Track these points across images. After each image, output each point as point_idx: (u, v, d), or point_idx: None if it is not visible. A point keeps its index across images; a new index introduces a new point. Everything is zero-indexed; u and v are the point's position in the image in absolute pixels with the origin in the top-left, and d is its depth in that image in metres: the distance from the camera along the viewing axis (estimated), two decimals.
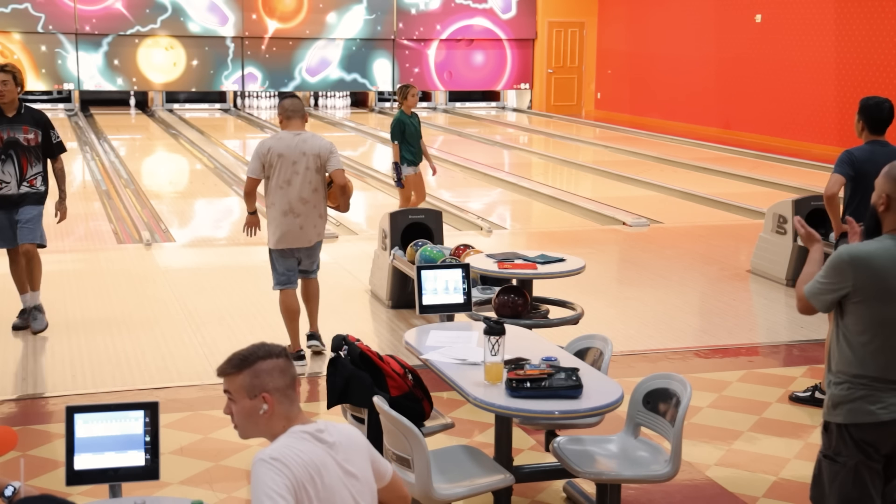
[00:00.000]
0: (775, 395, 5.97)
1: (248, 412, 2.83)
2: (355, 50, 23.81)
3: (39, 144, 6.81)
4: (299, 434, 2.79)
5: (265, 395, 2.80)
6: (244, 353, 2.86)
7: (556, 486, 4.75)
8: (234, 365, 2.84)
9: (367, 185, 13.87)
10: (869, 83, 16.74)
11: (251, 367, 2.82)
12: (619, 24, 23.80)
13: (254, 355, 2.85)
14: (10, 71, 6.78)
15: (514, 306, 6.03)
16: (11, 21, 21.58)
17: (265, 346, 2.89)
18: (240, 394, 2.82)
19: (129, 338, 6.92)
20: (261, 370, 2.82)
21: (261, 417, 2.81)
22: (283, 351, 2.89)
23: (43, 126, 6.85)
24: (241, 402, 2.82)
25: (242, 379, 2.82)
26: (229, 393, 2.85)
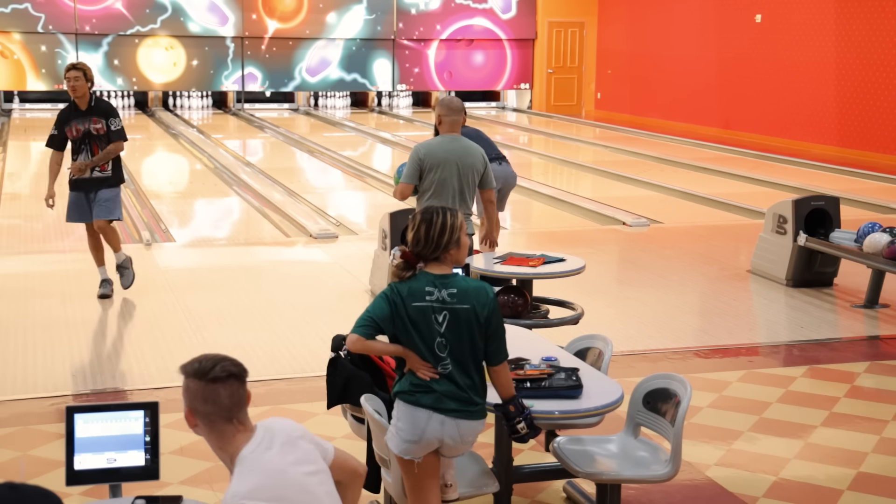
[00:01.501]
0: (775, 395, 5.97)
1: (185, 416, 2.83)
2: (355, 50, 23.81)
3: (105, 133, 7.56)
4: (250, 459, 2.73)
5: (188, 410, 2.79)
6: (187, 363, 2.81)
7: (556, 486, 4.75)
8: (181, 367, 2.82)
9: (367, 185, 13.88)
10: (869, 83, 16.74)
11: (184, 378, 2.80)
12: (619, 24, 23.80)
13: (189, 370, 2.79)
14: (81, 68, 7.50)
15: (514, 306, 6.03)
16: (11, 21, 21.58)
17: (210, 364, 2.78)
18: (182, 395, 2.82)
19: (129, 338, 6.92)
20: (188, 387, 2.79)
21: (191, 427, 2.80)
22: (225, 377, 2.76)
23: (107, 115, 7.57)
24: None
25: (182, 385, 2.81)
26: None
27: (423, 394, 3.62)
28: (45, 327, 7.13)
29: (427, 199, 6.26)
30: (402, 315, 3.61)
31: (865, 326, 7.58)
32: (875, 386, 6.24)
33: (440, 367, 3.62)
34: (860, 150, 16.87)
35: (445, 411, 3.61)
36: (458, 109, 6.34)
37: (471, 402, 3.66)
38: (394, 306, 3.62)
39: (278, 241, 10.39)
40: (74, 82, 7.45)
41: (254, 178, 14.04)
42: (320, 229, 10.48)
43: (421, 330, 3.61)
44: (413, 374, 3.64)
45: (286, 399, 5.79)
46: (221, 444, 2.79)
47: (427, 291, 3.62)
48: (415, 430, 3.61)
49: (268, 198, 12.55)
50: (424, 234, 3.66)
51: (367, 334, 3.60)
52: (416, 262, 3.68)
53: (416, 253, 3.68)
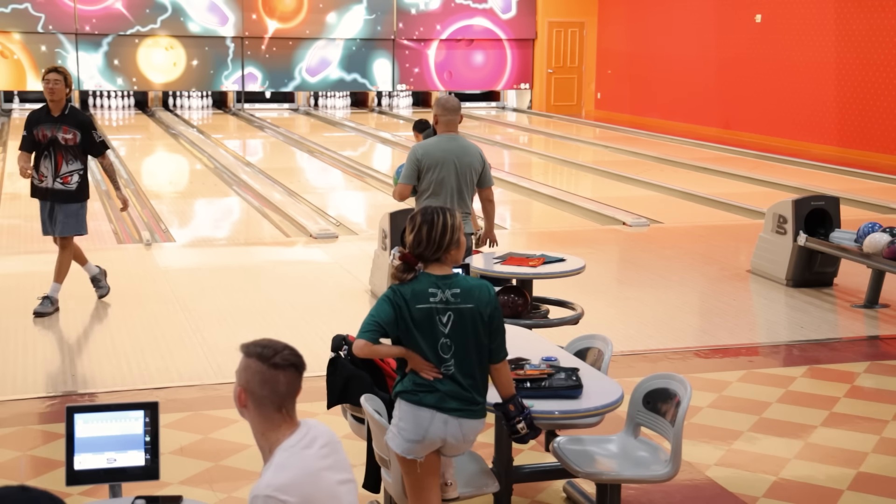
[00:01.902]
0: (775, 395, 5.97)
1: (234, 394, 2.82)
2: (355, 50, 23.80)
3: (78, 144, 7.21)
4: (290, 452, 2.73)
5: (241, 390, 2.78)
6: (253, 343, 2.80)
7: (556, 486, 4.75)
8: (243, 346, 2.81)
9: (367, 185, 13.88)
10: (869, 83, 16.74)
11: (245, 356, 2.79)
12: (619, 24, 23.80)
13: (253, 350, 2.79)
14: (62, 73, 7.21)
15: (514, 306, 6.03)
16: (11, 21, 21.58)
17: (275, 349, 2.78)
18: (236, 373, 2.80)
19: (129, 338, 6.92)
20: (247, 365, 2.78)
21: (239, 407, 2.79)
22: (286, 366, 2.75)
23: (84, 127, 7.24)
24: (235, 382, 2.80)
25: (240, 363, 2.79)
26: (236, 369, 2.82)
27: (427, 393, 3.62)
28: (45, 327, 7.13)
29: (426, 199, 6.27)
30: (405, 318, 3.61)
31: (865, 326, 7.58)
32: (875, 386, 6.24)
33: (443, 367, 3.62)
34: (860, 150, 16.87)
35: (448, 410, 3.62)
36: (454, 109, 6.35)
37: (473, 401, 3.67)
38: (398, 309, 3.61)
39: (278, 241, 10.39)
40: (54, 85, 7.12)
41: (254, 178, 14.04)
42: (320, 229, 10.48)
43: (424, 331, 3.61)
44: (416, 374, 3.64)
45: None
46: (265, 430, 2.77)
47: (430, 293, 3.62)
48: (418, 430, 3.61)
49: (268, 198, 12.55)
50: (426, 235, 3.66)
51: (373, 339, 3.59)
52: (415, 263, 3.67)
53: (418, 254, 3.67)
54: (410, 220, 3.74)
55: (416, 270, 3.67)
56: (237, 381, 2.80)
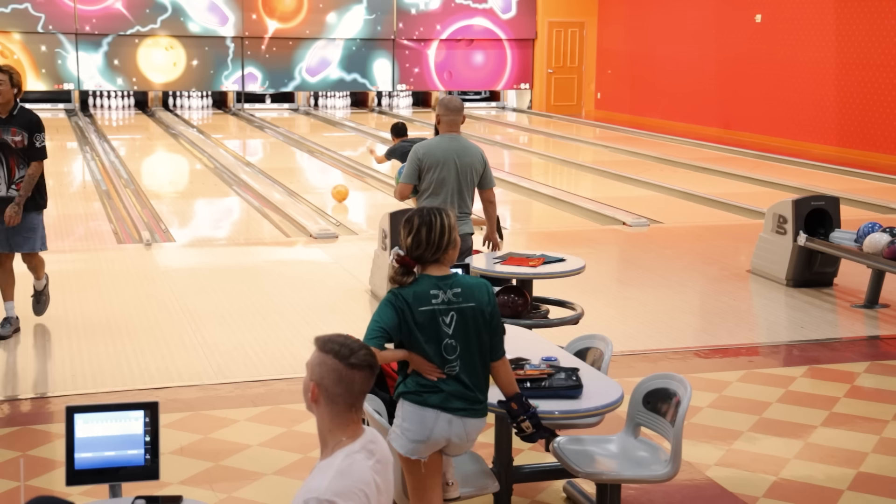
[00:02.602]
0: (775, 395, 5.97)
1: (303, 387, 2.80)
2: (355, 50, 23.81)
3: (26, 147, 6.65)
4: (352, 457, 2.71)
5: (314, 385, 2.76)
6: (330, 339, 2.79)
7: (556, 486, 4.75)
8: (318, 340, 2.80)
9: (367, 186, 13.88)
10: (869, 83, 16.74)
11: (321, 352, 2.76)
12: (619, 24, 23.80)
13: (331, 346, 2.77)
14: (8, 72, 6.72)
15: (514, 306, 6.03)
16: (11, 21, 21.58)
17: (350, 346, 2.77)
18: (308, 368, 2.78)
19: (129, 338, 6.92)
20: (323, 361, 2.75)
21: (310, 401, 2.78)
22: (362, 364, 2.75)
23: (31, 128, 6.68)
24: (305, 377, 2.79)
25: (314, 358, 2.77)
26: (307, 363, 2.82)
27: (431, 394, 3.62)
28: (45, 327, 7.13)
29: (426, 199, 6.27)
30: (408, 321, 3.61)
31: (865, 326, 7.58)
32: (875, 386, 6.24)
33: (447, 368, 3.62)
34: (860, 150, 16.87)
35: (453, 410, 3.62)
36: (456, 109, 6.35)
37: (476, 400, 3.67)
38: (400, 313, 3.61)
39: (278, 241, 10.39)
40: (1, 86, 6.62)
41: (254, 178, 14.04)
42: (320, 229, 10.48)
43: (427, 333, 3.61)
44: (419, 375, 3.64)
45: (286, 399, 5.79)
46: (333, 427, 2.76)
47: (432, 294, 3.62)
48: (423, 430, 3.61)
49: (268, 198, 12.55)
50: (426, 236, 3.65)
51: (379, 345, 3.59)
52: (414, 266, 3.67)
53: (417, 256, 3.66)
54: (406, 222, 3.72)
55: (415, 273, 3.67)
56: (309, 376, 2.77)
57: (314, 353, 2.79)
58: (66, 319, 7.33)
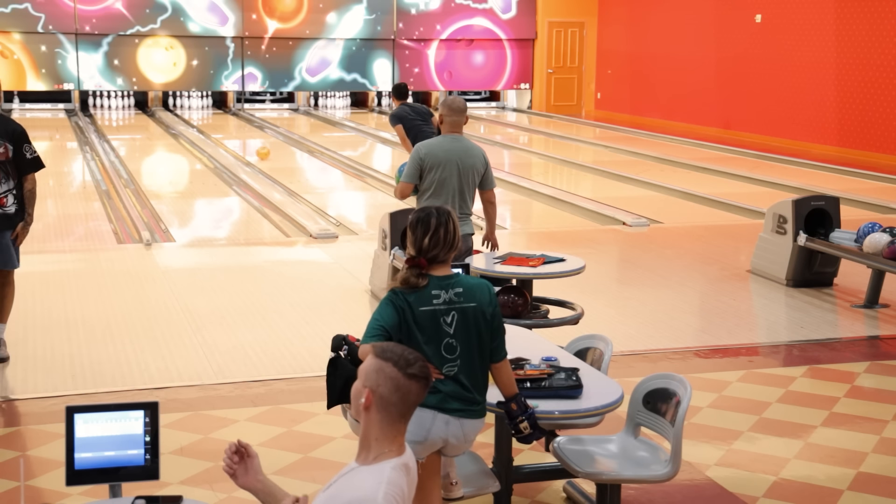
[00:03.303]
0: (775, 395, 5.97)
1: (356, 392, 2.77)
2: (355, 50, 23.80)
3: (10, 159, 6.07)
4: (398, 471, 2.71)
5: (369, 391, 2.73)
6: (389, 347, 2.78)
7: (556, 486, 4.75)
8: (376, 347, 2.79)
9: (367, 185, 13.88)
10: (869, 83, 16.74)
11: (379, 359, 2.75)
12: (619, 24, 23.80)
13: (390, 355, 2.75)
14: None
15: (514, 306, 6.03)
16: (11, 21, 21.57)
17: (410, 357, 2.76)
18: (361, 374, 2.76)
19: (129, 338, 6.92)
20: (381, 368, 2.73)
21: (360, 406, 2.74)
22: (420, 377, 2.74)
23: (16, 139, 6.08)
24: (358, 382, 2.77)
25: (370, 364, 2.76)
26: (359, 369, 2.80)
27: (429, 394, 3.62)
28: (45, 327, 7.13)
29: (427, 199, 6.27)
30: (408, 320, 3.61)
31: (865, 326, 7.58)
32: (875, 386, 6.25)
33: (446, 368, 3.62)
34: (860, 150, 16.87)
35: (450, 411, 3.62)
36: (459, 110, 6.36)
37: (474, 401, 3.67)
38: (401, 312, 3.61)
39: (278, 241, 10.39)
40: None
41: (254, 178, 14.04)
42: (320, 229, 10.48)
43: (427, 333, 3.61)
44: None
45: (286, 399, 5.79)
46: (380, 436, 2.73)
47: (434, 294, 3.62)
48: (420, 431, 3.61)
49: (268, 198, 12.55)
50: (443, 236, 3.66)
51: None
52: (427, 266, 3.66)
53: (432, 257, 3.66)
54: (421, 223, 3.69)
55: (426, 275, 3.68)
56: (364, 382, 2.74)
57: (370, 359, 2.76)
58: (66, 319, 7.33)
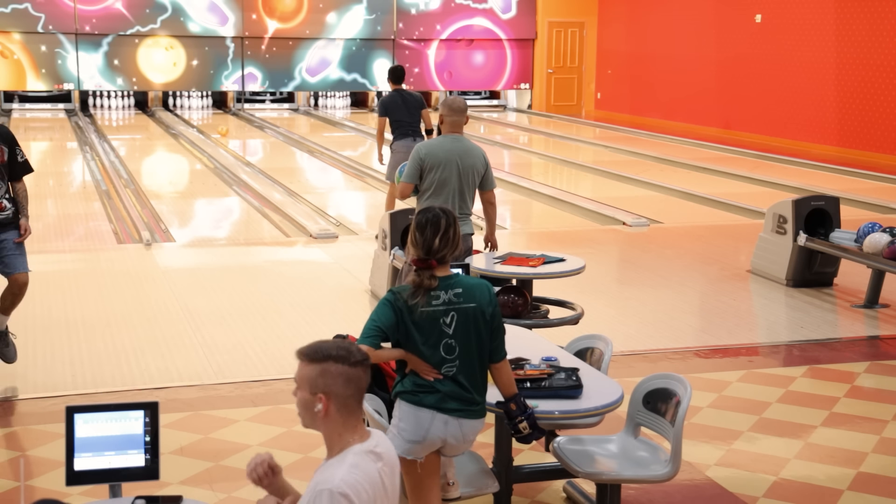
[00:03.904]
0: (775, 395, 5.97)
1: (304, 404, 2.78)
2: (355, 50, 23.80)
3: (5, 163, 5.92)
4: (362, 456, 2.73)
5: (322, 397, 2.74)
6: (321, 347, 2.78)
7: (556, 486, 4.75)
8: (307, 354, 2.79)
9: (367, 185, 13.88)
10: (869, 83, 16.74)
11: (320, 363, 2.75)
12: (619, 24, 23.80)
13: (328, 353, 2.76)
14: None
15: (514, 306, 6.03)
16: (11, 21, 21.57)
17: (346, 348, 2.79)
18: (303, 384, 2.77)
19: (129, 338, 6.92)
20: (327, 370, 2.75)
21: (316, 415, 2.75)
22: (362, 360, 2.78)
23: (9, 142, 5.97)
24: (302, 393, 2.78)
25: (309, 371, 2.76)
26: (296, 380, 2.80)
27: (427, 394, 3.62)
28: (45, 327, 7.13)
29: (427, 199, 6.27)
30: (405, 321, 3.61)
31: (865, 326, 7.58)
32: (875, 386, 6.25)
33: (445, 368, 3.62)
34: (860, 150, 16.87)
35: (449, 411, 3.62)
36: (459, 110, 6.36)
37: (473, 401, 3.67)
38: (399, 313, 3.61)
39: (278, 241, 10.39)
40: None
41: (254, 178, 14.04)
42: (320, 229, 10.48)
43: (427, 334, 3.61)
44: (416, 375, 3.64)
45: (286, 399, 5.79)
46: (343, 431, 2.76)
47: (433, 295, 3.62)
48: (419, 431, 3.61)
49: (268, 198, 12.55)
50: (452, 236, 3.67)
51: (375, 344, 3.58)
52: (436, 266, 3.66)
53: (441, 257, 3.66)
54: (431, 224, 3.68)
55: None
56: (311, 390, 2.76)
57: (306, 367, 2.77)
58: (66, 319, 7.33)
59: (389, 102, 10.02)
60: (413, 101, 10.05)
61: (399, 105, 9.97)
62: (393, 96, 10.06)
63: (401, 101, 9.98)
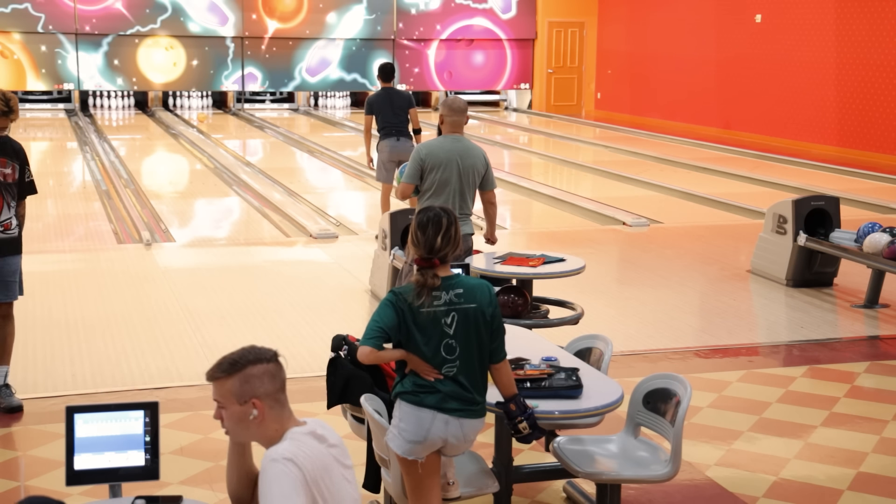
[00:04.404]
0: (775, 395, 5.97)
1: (238, 417, 2.81)
2: (355, 50, 23.80)
3: (16, 181, 5.53)
4: (301, 435, 2.78)
5: (255, 401, 2.78)
6: (234, 358, 2.82)
7: (556, 486, 4.75)
8: (224, 369, 2.81)
9: (367, 185, 13.88)
10: (869, 83, 16.74)
11: (241, 371, 2.79)
12: (619, 24, 23.80)
13: (244, 359, 2.80)
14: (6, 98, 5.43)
15: (514, 306, 6.03)
16: (11, 21, 21.57)
17: (255, 349, 2.85)
18: (229, 399, 2.80)
19: (129, 338, 6.92)
20: (250, 375, 2.79)
21: (251, 423, 2.80)
22: (273, 355, 2.86)
23: (21, 160, 5.56)
24: (231, 408, 2.80)
25: (232, 384, 2.80)
26: (218, 399, 2.82)
27: (428, 394, 3.62)
28: (45, 327, 7.13)
29: (427, 199, 6.27)
30: (407, 321, 3.61)
31: (865, 326, 7.58)
32: (875, 386, 6.25)
33: (445, 368, 3.62)
34: (860, 150, 16.87)
35: (449, 411, 3.62)
36: (459, 110, 6.35)
37: (473, 401, 3.67)
38: (401, 314, 3.61)
39: (278, 241, 10.39)
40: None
41: (254, 178, 14.04)
42: (320, 229, 10.48)
43: (427, 334, 3.61)
44: (416, 375, 3.64)
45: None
46: (279, 423, 2.83)
47: (434, 296, 3.62)
48: (419, 431, 3.61)
49: (268, 198, 12.55)
50: (453, 235, 3.68)
51: (377, 345, 3.58)
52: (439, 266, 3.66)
53: (443, 256, 3.66)
54: (433, 223, 3.67)
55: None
56: (241, 400, 2.79)
57: (225, 382, 2.81)
58: (66, 319, 7.33)
59: (375, 101, 10.01)
60: (400, 100, 9.99)
61: (385, 104, 9.93)
62: (380, 95, 10.03)
63: (387, 100, 9.94)
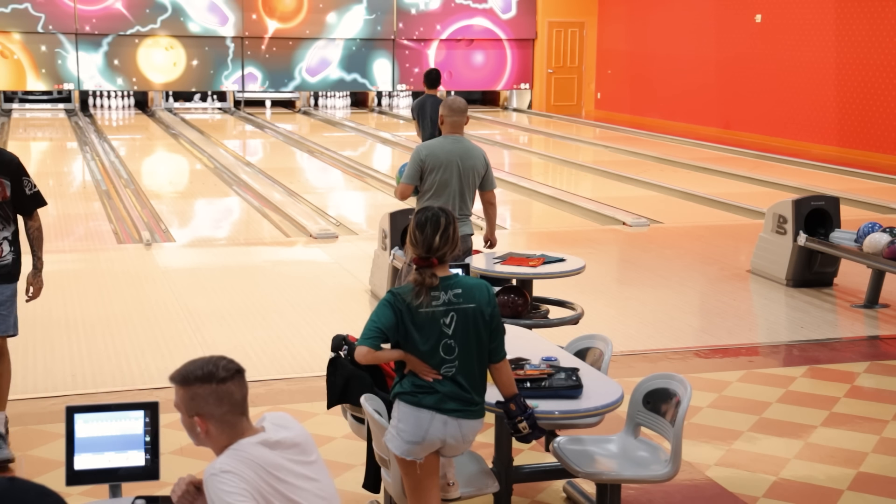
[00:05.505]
0: (775, 395, 5.97)
1: (187, 427, 2.83)
2: (355, 50, 23.81)
3: (9, 199, 4.93)
4: (247, 446, 2.74)
5: (199, 419, 2.77)
6: (185, 371, 2.80)
7: (556, 486, 4.75)
8: (176, 380, 2.81)
9: (367, 185, 13.88)
10: (869, 83, 16.74)
11: (189, 387, 2.78)
12: (619, 24, 23.80)
13: (192, 376, 2.78)
14: None
15: (514, 306, 6.03)
16: (11, 21, 21.58)
17: (213, 366, 2.79)
18: (180, 408, 2.81)
19: (129, 338, 6.92)
20: (196, 394, 2.77)
21: (199, 434, 2.80)
22: (231, 374, 2.78)
23: (13, 172, 4.92)
24: (182, 417, 2.82)
25: (181, 395, 2.79)
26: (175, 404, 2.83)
27: (426, 395, 3.62)
28: (45, 327, 7.12)
29: (427, 200, 6.27)
30: (405, 322, 3.60)
31: (865, 326, 7.58)
32: (875, 386, 6.25)
33: (444, 369, 3.62)
34: (860, 150, 16.87)
35: (448, 411, 3.62)
36: (459, 110, 6.34)
37: (472, 401, 3.67)
38: (399, 314, 3.60)
39: (278, 241, 10.39)
40: None
41: (254, 178, 14.04)
42: (320, 229, 10.48)
43: (426, 334, 3.60)
44: (415, 376, 3.64)
45: (286, 399, 5.79)
46: (231, 440, 2.79)
47: (433, 296, 3.61)
48: (418, 431, 3.61)
49: (268, 198, 12.55)
50: (452, 234, 3.67)
51: (375, 346, 3.58)
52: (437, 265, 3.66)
53: (441, 255, 3.66)
54: (431, 223, 3.67)
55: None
56: (187, 413, 2.79)
57: (178, 391, 2.79)
58: (66, 319, 7.33)
59: (416, 107, 10.08)
60: (432, 109, 9.98)
61: (422, 112, 9.95)
62: (421, 101, 10.05)
63: (423, 108, 9.96)
